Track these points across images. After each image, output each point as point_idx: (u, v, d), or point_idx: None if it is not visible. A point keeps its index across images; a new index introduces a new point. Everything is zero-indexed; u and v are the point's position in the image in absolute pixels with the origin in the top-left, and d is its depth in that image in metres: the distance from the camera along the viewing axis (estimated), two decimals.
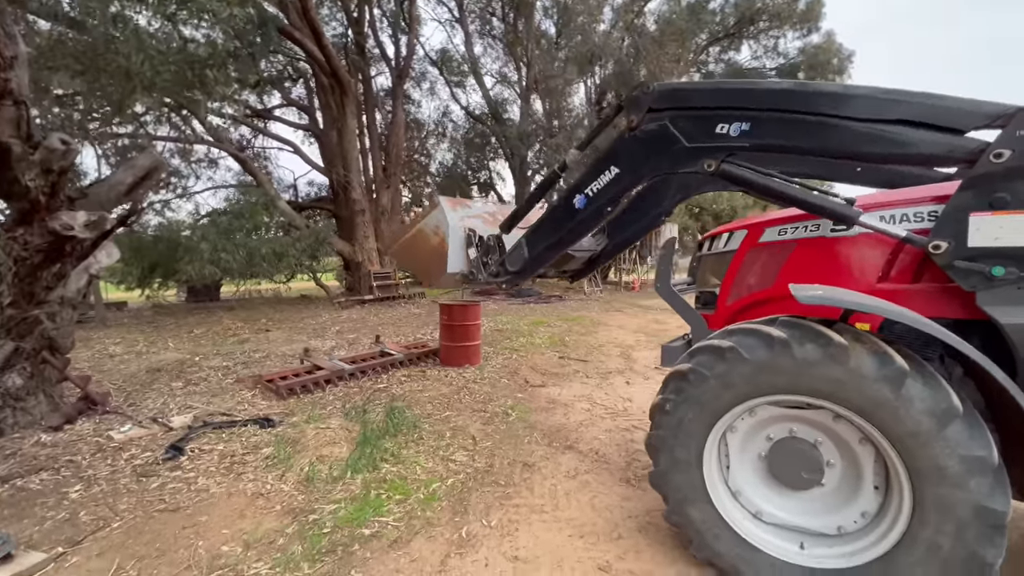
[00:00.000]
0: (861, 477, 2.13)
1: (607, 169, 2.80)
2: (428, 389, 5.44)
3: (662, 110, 2.61)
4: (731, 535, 2.28)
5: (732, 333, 2.26)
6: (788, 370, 2.05)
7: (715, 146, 2.50)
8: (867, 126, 2.21)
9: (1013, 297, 2.02)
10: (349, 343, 8.03)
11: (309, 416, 4.37)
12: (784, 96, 2.39)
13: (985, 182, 2.03)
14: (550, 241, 3.22)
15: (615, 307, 13.98)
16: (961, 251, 2.08)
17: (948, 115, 2.10)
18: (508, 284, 3.66)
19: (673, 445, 2.36)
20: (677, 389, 2.34)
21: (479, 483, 3.30)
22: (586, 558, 2.51)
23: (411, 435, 4.06)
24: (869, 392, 1.90)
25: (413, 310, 12.75)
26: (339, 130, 13.91)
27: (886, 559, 1.96)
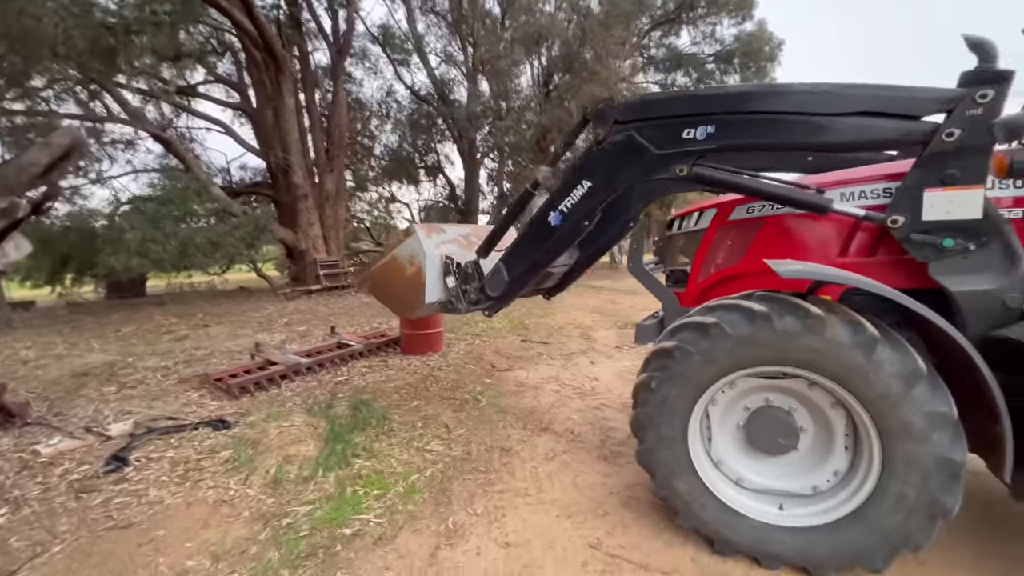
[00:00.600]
0: (832, 439, 2.27)
1: (579, 183, 2.83)
2: (393, 379, 5.27)
3: (628, 122, 2.66)
4: (716, 503, 2.37)
5: (713, 309, 2.31)
6: (769, 342, 2.13)
7: (684, 151, 2.59)
8: (831, 119, 2.33)
9: (960, 266, 2.20)
10: (301, 335, 7.63)
11: (268, 415, 4.10)
12: (749, 98, 2.50)
13: (937, 160, 2.18)
14: (530, 262, 3.23)
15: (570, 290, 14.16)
16: (916, 225, 2.23)
17: (905, 104, 2.23)
18: (490, 311, 3.57)
19: (659, 422, 2.40)
20: (662, 367, 2.37)
21: (459, 471, 3.24)
22: (576, 537, 2.53)
23: (381, 428, 3.92)
24: (844, 359, 2.01)
25: (364, 299, 12.31)
26: (275, 109, 12.99)
27: (858, 512, 2.10)
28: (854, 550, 2.10)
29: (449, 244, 3.70)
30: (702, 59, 20.52)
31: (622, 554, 2.38)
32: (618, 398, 4.64)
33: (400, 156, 20.80)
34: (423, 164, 21.65)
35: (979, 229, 2.15)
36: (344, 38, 14.91)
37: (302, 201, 12.99)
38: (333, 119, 14.22)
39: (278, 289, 12.89)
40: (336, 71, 14.48)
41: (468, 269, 3.50)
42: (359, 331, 7.69)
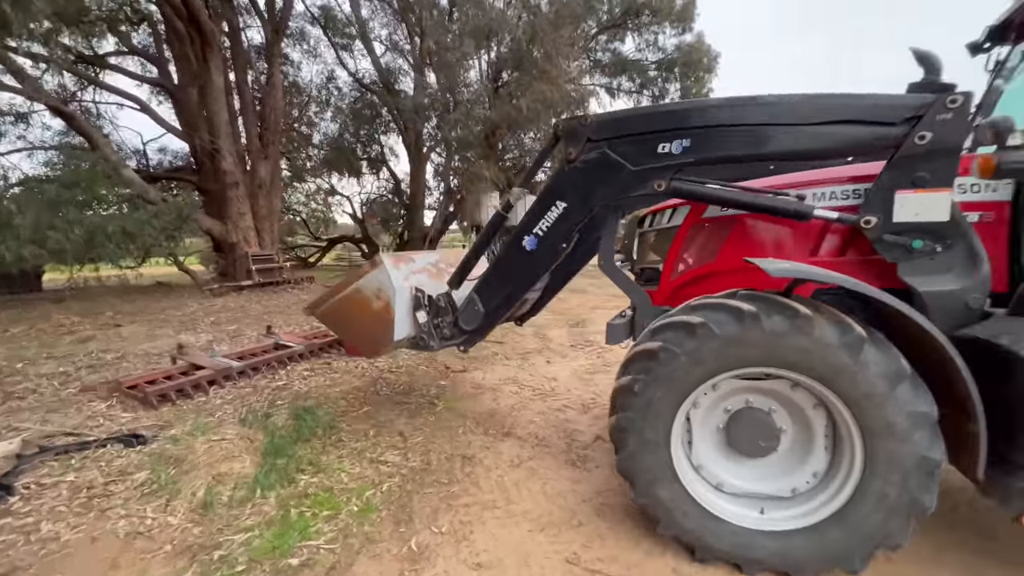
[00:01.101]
0: (812, 440, 2.25)
1: (552, 205, 2.77)
2: (338, 383, 4.87)
3: (600, 140, 2.62)
4: (698, 510, 2.28)
5: (698, 308, 2.22)
6: (757, 343, 2.06)
7: (661, 165, 2.57)
8: (808, 128, 2.35)
9: (927, 267, 2.25)
10: (231, 336, 6.95)
11: (194, 427, 3.61)
12: (725, 110, 2.48)
13: (908, 163, 2.22)
14: (506, 290, 3.08)
15: None
16: (888, 226, 2.27)
17: (879, 111, 2.28)
18: (465, 346, 3.35)
19: (643, 427, 2.28)
20: (646, 369, 2.25)
21: (419, 484, 2.97)
22: (551, 552, 2.36)
23: (328, 438, 3.56)
24: (831, 359, 1.97)
25: (302, 296, 11.55)
26: (201, 88, 11.84)
27: (839, 514, 2.09)
28: (834, 552, 2.08)
29: (418, 274, 3.46)
30: (645, 66, 21.15)
31: (602, 568, 2.24)
32: (578, 399, 4.54)
33: (341, 146, 19.77)
34: (366, 156, 20.75)
35: (945, 231, 2.21)
36: (281, 16, 13.87)
37: (232, 189, 11.95)
38: (268, 102, 13.20)
39: (204, 285, 11.77)
40: (271, 51, 13.43)
41: (440, 302, 3.27)
42: (298, 331, 7.12)
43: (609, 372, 5.41)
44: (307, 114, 19.46)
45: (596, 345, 6.52)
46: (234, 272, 12.38)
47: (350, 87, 19.44)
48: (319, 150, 20.00)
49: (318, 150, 20.01)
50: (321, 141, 19.81)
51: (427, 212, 20.88)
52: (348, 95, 19.61)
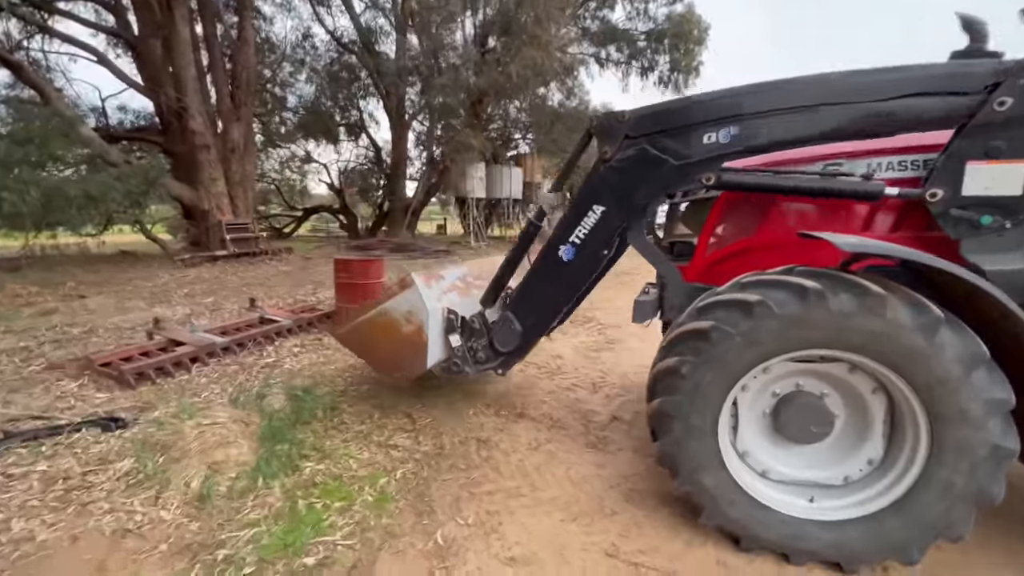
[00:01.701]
0: (868, 426, 2.13)
1: (589, 210, 2.61)
2: (333, 360, 4.59)
3: (639, 136, 2.46)
4: (745, 498, 2.15)
5: (754, 285, 2.04)
6: (822, 324, 1.89)
7: (707, 158, 2.38)
8: (877, 104, 2.17)
9: (994, 245, 2.10)
10: (209, 309, 6.53)
11: (179, 409, 3.30)
12: (777, 93, 2.29)
13: (984, 131, 2.05)
14: (543, 306, 2.87)
15: None
16: (955, 200, 2.11)
17: (956, 80, 2.09)
18: (503, 369, 3.11)
19: (689, 411, 2.12)
20: (695, 350, 2.07)
21: (435, 470, 2.78)
22: (588, 544, 2.21)
23: (330, 420, 3.31)
24: (905, 342, 1.82)
25: (281, 267, 11.06)
26: (165, 39, 10.90)
27: (899, 503, 1.98)
28: (892, 542, 1.98)
29: (449, 293, 3.19)
30: (635, 35, 20.59)
31: (644, 561, 2.10)
32: (586, 377, 4.40)
33: (318, 110, 18.82)
34: (344, 121, 19.82)
35: (1017, 206, 2.06)
36: None
37: (203, 152, 11.18)
38: (239, 59, 12.28)
39: (174, 255, 11.11)
40: (243, 2, 12.43)
41: (474, 323, 3.03)
42: (282, 304, 6.75)
43: (613, 350, 5.28)
44: (280, 75, 18.34)
45: (595, 322, 6.37)
46: (207, 241, 11.72)
47: (327, 46, 18.39)
48: (294, 114, 18.99)
49: (293, 114, 19.00)
50: (296, 104, 18.79)
51: (409, 183, 20.24)
52: (325, 55, 18.56)
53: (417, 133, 20.14)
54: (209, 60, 12.34)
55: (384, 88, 17.07)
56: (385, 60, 15.68)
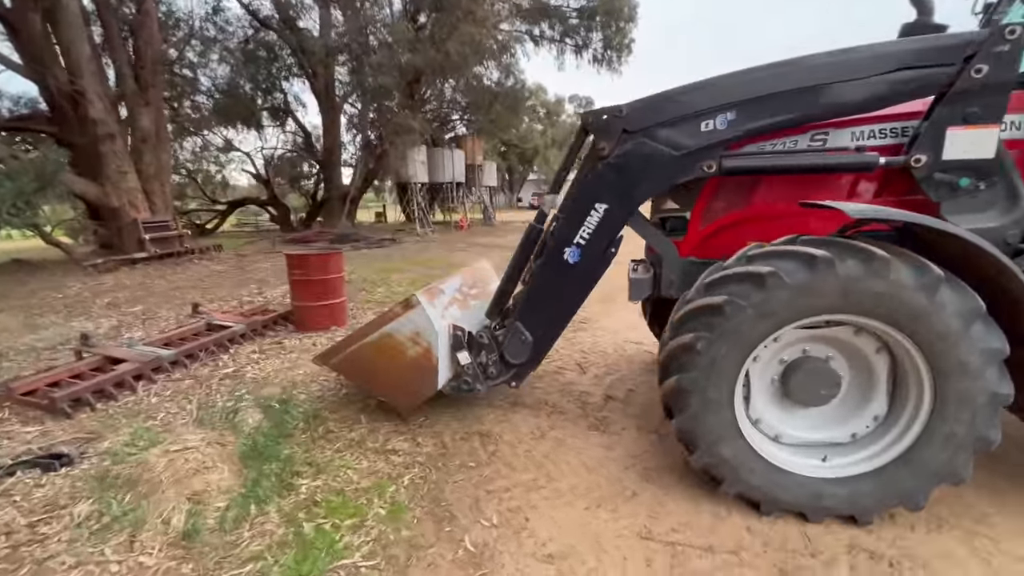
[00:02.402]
0: (872, 385, 2.23)
1: (592, 208, 2.58)
2: (299, 365, 4.24)
3: (637, 130, 2.46)
4: (763, 465, 2.21)
5: (764, 257, 2.07)
6: (831, 290, 1.95)
7: (707, 145, 2.42)
8: (866, 81, 2.26)
9: (969, 205, 2.26)
10: (142, 319, 5.84)
11: (135, 435, 2.90)
12: (770, 77, 2.36)
13: (962, 98, 2.17)
14: (553, 312, 2.81)
15: (456, 247, 13.57)
16: (937, 164, 2.23)
17: (942, 53, 2.20)
18: (517, 381, 2.98)
19: (706, 386, 2.13)
20: (709, 325, 2.07)
21: (444, 472, 2.63)
22: (620, 529, 2.18)
23: (315, 431, 3.05)
24: (909, 301, 1.90)
25: (214, 267, 10.14)
26: (47, 12, 9.42)
27: (906, 455, 2.10)
28: (900, 491, 2.11)
29: (451, 308, 3.07)
30: (566, 12, 20.55)
31: (679, 540, 2.11)
32: (570, 359, 4.38)
33: (236, 93, 17.22)
34: (268, 105, 18.33)
35: (991, 168, 2.21)
36: None
37: (106, 143, 9.87)
38: (141, 35, 10.88)
39: (82, 260, 9.83)
40: None
41: (483, 338, 2.90)
42: (229, 307, 6.18)
43: (587, 330, 5.31)
44: (188, 55, 16.55)
45: None
46: (120, 243, 10.47)
47: (241, 21, 16.77)
48: (208, 97, 17.28)
49: (207, 97, 17.28)
50: (210, 87, 17.08)
51: (344, 169, 19.22)
52: (239, 32, 16.93)
53: (349, 116, 19.09)
54: (105, 36, 10.85)
55: (311, 68, 15.94)
56: (309, 37, 14.55)
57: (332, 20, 15.87)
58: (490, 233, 18.35)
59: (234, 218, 24.52)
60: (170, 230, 11.18)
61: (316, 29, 15.83)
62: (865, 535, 2.13)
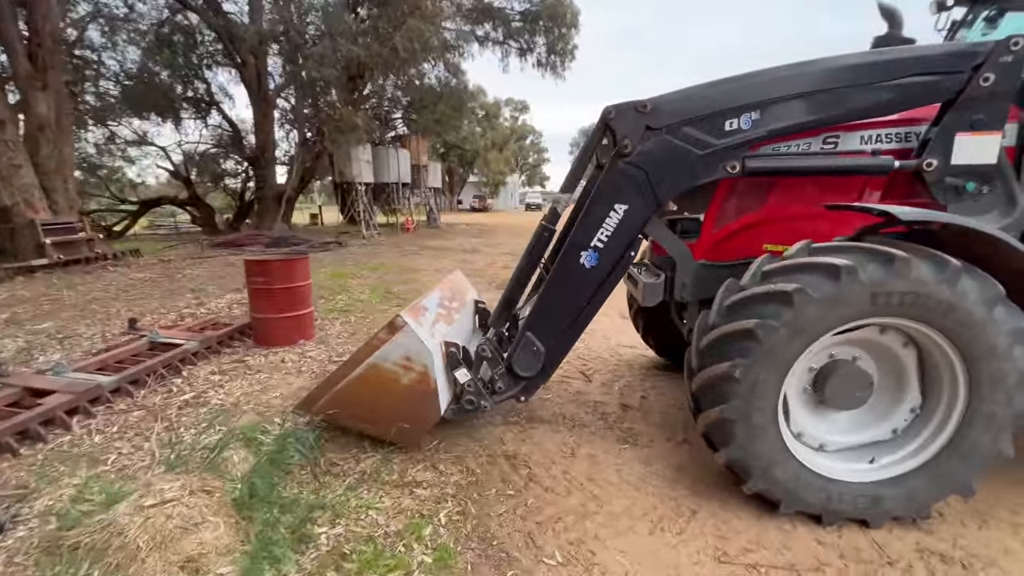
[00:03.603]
0: (902, 378, 2.24)
1: (611, 209, 2.45)
2: (273, 386, 3.73)
3: (660, 127, 2.37)
4: (817, 479, 2.17)
5: (782, 273, 2.03)
6: (858, 298, 1.93)
7: (731, 144, 2.37)
8: (882, 86, 2.33)
9: (974, 208, 2.36)
10: (56, 338, 4.93)
11: (83, 488, 2.34)
12: (793, 78, 2.37)
13: (970, 105, 2.28)
14: (568, 319, 2.61)
15: (408, 250, 13.03)
16: (947, 168, 2.32)
17: (953, 60, 2.29)
18: (526, 395, 2.74)
19: (749, 413, 2.06)
20: (744, 350, 2.01)
21: (482, 504, 2.35)
22: (694, 555, 2.03)
23: (316, 465, 2.64)
24: (934, 296, 1.90)
25: (135, 275, 8.95)
26: None
27: (951, 444, 2.11)
28: (953, 480, 2.13)
29: (437, 324, 2.80)
30: (510, 15, 20.56)
31: (758, 560, 1.99)
32: (570, 366, 4.21)
33: (149, 81, 15.44)
34: (190, 95, 16.63)
35: (992, 173, 2.33)
36: None
37: None
38: (37, 8, 9.39)
39: None
40: None
41: (485, 352, 2.67)
42: (170, 321, 5.40)
43: None
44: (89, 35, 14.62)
45: None
46: (14, 248, 8.95)
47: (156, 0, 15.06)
48: (116, 83, 15.36)
49: (115, 83, 15.36)
50: (119, 73, 15.19)
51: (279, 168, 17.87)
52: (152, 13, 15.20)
53: (282, 111, 17.80)
54: None
55: (239, 57, 14.64)
56: (238, 23, 13.34)
57: (261, 5, 14.69)
58: (438, 236, 17.88)
59: (145, 220, 22.08)
60: (76, 233, 9.74)
61: (244, 14, 14.58)
62: (928, 537, 2.13)
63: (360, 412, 2.69)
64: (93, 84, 14.94)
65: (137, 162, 19.44)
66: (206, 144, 18.62)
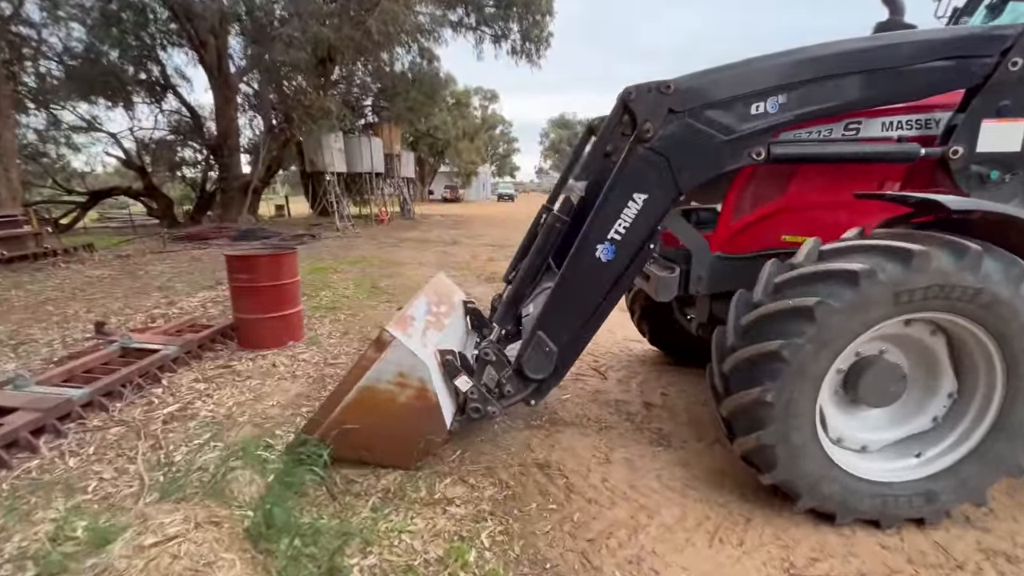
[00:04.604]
0: (935, 366, 2.17)
1: (630, 199, 2.26)
2: (267, 394, 3.42)
3: (684, 109, 2.19)
4: (870, 486, 2.09)
5: (799, 284, 1.93)
6: (879, 300, 1.85)
7: (756, 130, 2.22)
8: (910, 69, 2.22)
9: (997, 197, 2.31)
10: (11, 346, 4.43)
11: (63, 524, 2.03)
12: (821, 60, 2.23)
13: (997, 90, 2.21)
14: (582, 317, 2.42)
15: (385, 243, 12.61)
16: (972, 156, 2.26)
17: (982, 44, 2.22)
18: (537, 398, 2.52)
19: (788, 433, 1.97)
20: (772, 373, 1.91)
21: (525, 520, 2.16)
22: (761, 567, 1.90)
23: (334, 484, 2.39)
24: (959, 284, 1.83)
25: (91, 272, 8.28)
26: None
27: (998, 425, 2.05)
28: (1004, 462, 2.07)
29: (428, 332, 2.60)
30: (484, 1, 20.08)
31: (829, 571, 1.89)
32: (581, 362, 4.03)
33: (97, 61, 14.26)
34: (143, 78, 15.49)
35: (1015, 161, 2.28)
36: None
37: None
38: None
39: None
40: None
41: (489, 355, 2.44)
42: (143, 324, 4.95)
43: None
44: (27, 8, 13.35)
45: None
46: None
47: None
48: (59, 63, 14.14)
49: (57, 63, 14.13)
50: (61, 52, 13.97)
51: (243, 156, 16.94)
52: None
53: (246, 96, 16.85)
54: None
55: (198, 37, 13.70)
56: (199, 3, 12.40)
57: None
58: (413, 227, 17.42)
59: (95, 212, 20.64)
60: (20, 226, 8.94)
61: None
62: (987, 536, 2.09)
63: (356, 441, 2.41)
64: (33, 64, 13.68)
65: (84, 150, 18.07)
66: (162, 131, 17.46)
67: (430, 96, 19.67)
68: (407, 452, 2.44)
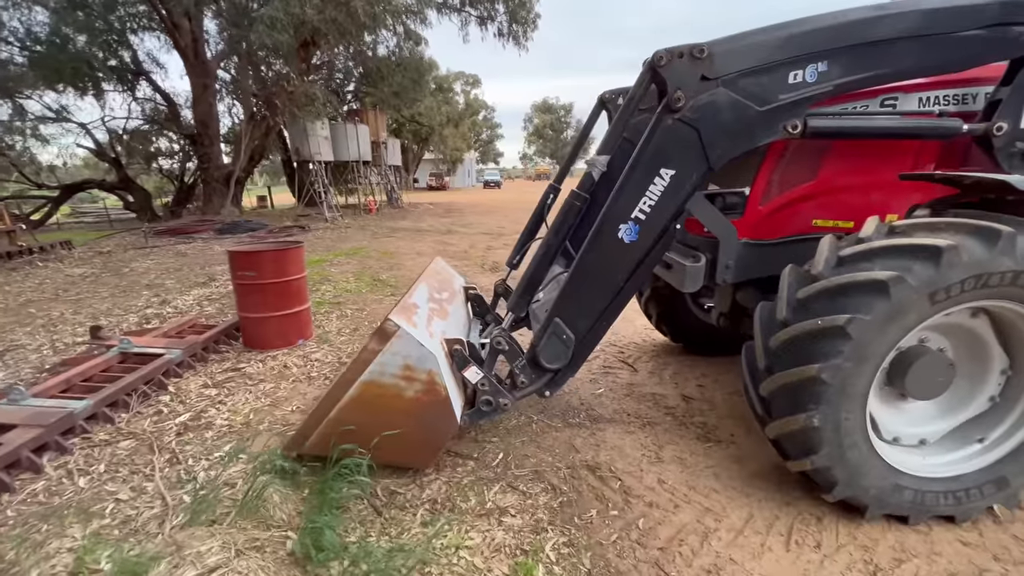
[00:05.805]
0: (981, 347, 2.09)
1: (656, 175, 2.08)
2: (284, 398, 3.22)
3: (717, 77, 1.98)
4: (938, 484, 2.02)
5: (871, 257, 1.81)
6: (955, 282, 1.73)
7: (792, 100, 2.03)
8: (960, 36, 2.06)
9: None
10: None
11: (84, 555, 1.83)
12: (863, 24, 2.02)
13: None
14: (602, 303, 2.25)
15: (378, 233, 12.29)
16: (1016, 132, 2.15)
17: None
18: (552, 389, 2.37)
19: (839, 419, 1.86)
20: (833, 350, 1.78)
21: (587, 529, 2.03)
22: (846, 571, 1.81)
23: (376, 497, 2.22)
24: None
25: (72, 271, 7.88)
26: None
27: None
28: None
29: (433, 322, 2.43)
30: None
31: (918, 571, 1.80)
32: (607, 353, 3.93)
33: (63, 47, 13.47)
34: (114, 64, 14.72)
35: None
36: None
37: None
38: None
39: None
40: None
41: (501, 344, 2.29)
42: (138, 326, 4.67)
43: None
44: None
45: None
46: None
47: None
48: (22, 49, 13.32)
49: (20, 49, 13.32)
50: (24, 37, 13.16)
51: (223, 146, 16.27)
52: None
53: (224, 83, 16.15)
54: None
55: (171, 20, 13.01)
56: None
57: None
58: (404, 216, 17.06)
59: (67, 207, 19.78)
60: None
61: None
62: None
63: (360, 440, 2.23)
64: None
65: (54, 141, 17.16)
66: (136, 120, 16.69)
67: (416, 80, 19.13)
68: (415, 451, 2.29)
